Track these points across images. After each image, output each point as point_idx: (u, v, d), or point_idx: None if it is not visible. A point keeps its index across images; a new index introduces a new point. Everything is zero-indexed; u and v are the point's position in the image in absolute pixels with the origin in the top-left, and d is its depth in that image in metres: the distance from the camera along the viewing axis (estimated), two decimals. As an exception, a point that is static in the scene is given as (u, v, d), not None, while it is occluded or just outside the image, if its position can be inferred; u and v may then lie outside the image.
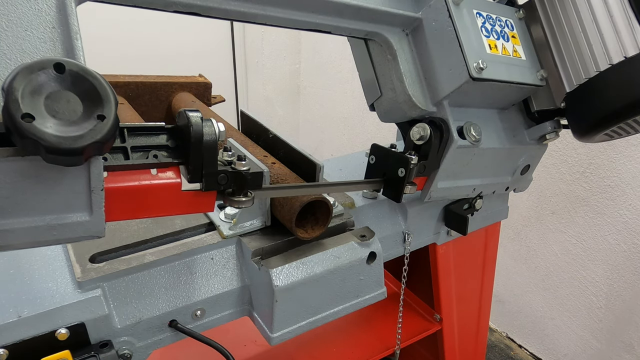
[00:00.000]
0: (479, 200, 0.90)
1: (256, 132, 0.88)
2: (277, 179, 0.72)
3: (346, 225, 0.79)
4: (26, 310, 0.57)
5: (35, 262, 0.65)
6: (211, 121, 0.51)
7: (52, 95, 0.37)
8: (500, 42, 0.77)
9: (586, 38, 0.75)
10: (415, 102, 0.75)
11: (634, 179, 1.56)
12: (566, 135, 0.90)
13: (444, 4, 0.71)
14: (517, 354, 2.11)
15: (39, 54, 0.43)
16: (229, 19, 0.61)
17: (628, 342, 1.70)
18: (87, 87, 0.39)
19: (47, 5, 0.43)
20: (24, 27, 0.42)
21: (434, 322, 1.13)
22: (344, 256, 0.71)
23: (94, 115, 0.38)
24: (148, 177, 0.50)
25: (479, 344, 1.26)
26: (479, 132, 0.77)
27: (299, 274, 0.67)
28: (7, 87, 0.35)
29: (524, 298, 2.05)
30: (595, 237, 1.72)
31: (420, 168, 0.74)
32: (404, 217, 0.89)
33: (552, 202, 1.82)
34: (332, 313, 0.73)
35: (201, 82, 1.25)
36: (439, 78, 0.74)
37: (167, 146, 0.51)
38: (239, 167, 0.56)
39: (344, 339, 1.09)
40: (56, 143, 0.36)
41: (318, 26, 0.67)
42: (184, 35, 2.75)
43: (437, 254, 1.00)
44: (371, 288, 0.76)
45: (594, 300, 1.78)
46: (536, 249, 1.94)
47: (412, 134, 0.75)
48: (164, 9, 0.54)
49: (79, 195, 0.44)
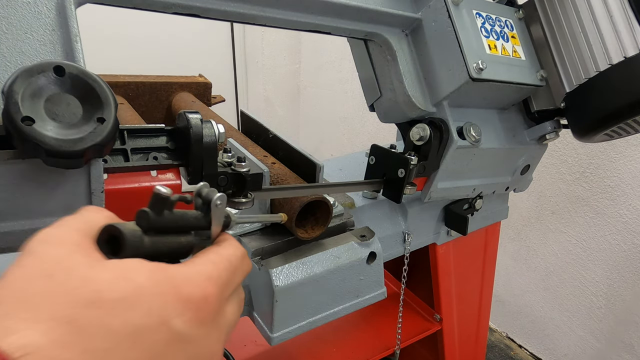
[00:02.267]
0: (479, 200, 0.91)
1: (256, 132, 0.89)
2: (277, 179, 0.72)
3: (346, 225, 0.79)
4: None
5: (36, 263, 0.65)
6: (211, 123, 0.51)
7: (52, 98, 0.37)
8: (500, 43, 0.77)
9: (586, 38, 0.75)
10: (415, 103, 0.75)
11: (634, 179, 1.56)
12: (566, 135, 0.90)
13: (443, 5, 0.71)
14: (517, 354, 2.11)
15: (38, 56, 0.43)
16: (229, 20, 0.61)
17: (628, 342, 1.70)
18: (87, 89, 0.39)
19: (46, 8, 0.43)
20: (24, 29, 0.42)
21: (434, 322, 1.13)
22: (344, 256, 0.72)
23: (93, 118, 0.39)
24: (148, 178, 0.50)
25: (479, 344, 1.26)
26: (479, 132, 0.77)
27: (299, 274, 0.67)
28: (7, 91, 0.35)
29: (524, 298, 2.05)
30: (595, 237, 1.72)
31: (420, 168, 0.75)
32: (404, 217, 0.89)
33: (552, 202, 1.82)
34: (332, 313, 0.73)
35: (201, 82, 1.25)
36: (438, 78, 0.74)
37: (167, 148, 0.51)
38: (238, 168, 0.56)
39: (344, 339, 1.09)
40: (56, 146, 0.36)
41: (317, 27, 0.67)
42: (184, 35, 2.75)
43: (437, 254, 1.00)
44: (371, 288, 0.76)
45: (594, 300, 1.78)
46: (536, 249, 1.94)
47: (412, 135, 0.75)
48: (163, 10, 0.54)
49: (79, 198, 0.45)
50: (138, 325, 0.26)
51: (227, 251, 0.34)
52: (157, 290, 0.27)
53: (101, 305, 0.25)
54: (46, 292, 0.24)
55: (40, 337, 0.22)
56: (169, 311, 0.27)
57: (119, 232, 0.29)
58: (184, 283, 0.29)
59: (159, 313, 0.27)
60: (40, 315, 0.23)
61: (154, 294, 0.27)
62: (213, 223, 0.35)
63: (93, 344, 0.24)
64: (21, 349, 0.22)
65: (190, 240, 0.33)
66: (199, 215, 0.34)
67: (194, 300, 0.29)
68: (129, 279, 0.27)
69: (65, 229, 0.29)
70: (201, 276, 0.30)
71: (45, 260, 0.26)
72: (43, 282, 0.25)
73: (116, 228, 0.29)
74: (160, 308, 0.27)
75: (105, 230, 0.30)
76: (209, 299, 0.29)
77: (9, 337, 0.22)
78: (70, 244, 0.28)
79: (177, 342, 0.28)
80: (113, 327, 0.25)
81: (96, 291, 0.25)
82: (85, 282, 0.25)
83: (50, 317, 0.23)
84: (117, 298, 0.25)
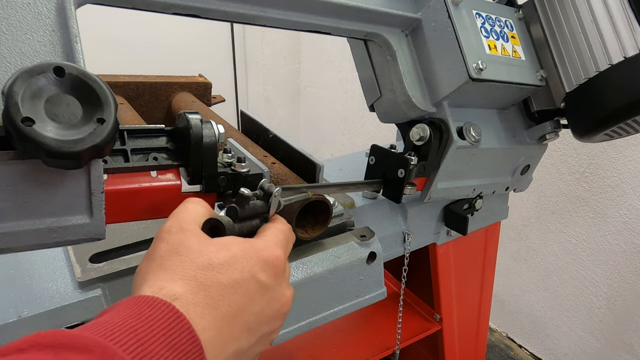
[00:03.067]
0: (479, 200, 0.91)
1: (256, 132, 0.89)
2: (277, 179, 0.72)
3: (346, 225, 0.79)
4: (26, 310, 0.57)
5: (35, 262, 0.65)
6: (211, 123, 0.51)
7: (52, 99, 0.37)
8: (500, 43, 0.77)
9: (586, 38, 0.75)
10: (415, 103, 0.75)
11: (634, 179, 1.56)
12: (566, 135, 0.90)
13: (443, 5, 0.71)
14: (517, 354, 2.11)
15: (38, 57, 0.43)
16: (229, 20, 0.61)
17: (628, 342, 1.70)
18: (87, 90, 0.39)
19: (46, 9, 0.43)
20: (24, 30, 0.42)
21: (434, 322, 1.13)
22: (344, 256, 0.72)
23: (93, 119, 0.39)
24: (148, 179, 0.50)
25: (479, 344, 1.26)
26: (479, 132, 0.77)
27: (299, 274, 0.67)
28: (7, 91, 0.36)
29: (524, 298, 2.05)
30: (595, 237, 1.72)
31: (420, 169, 0.75)
32: (404, 217, 0.89)
33: (552, 202, 1.82)
34: (332, 313, 0.73)
35: (201, 82, 1.25)
36: (438, 79, 0.74)
37: (167, 148, 0.51)
38: (238, 168, 0.56)
39: (344, 339, 1.09)
40: (56, 147, 0.36)
41: (317, 27, 0.67)
42: (184, 35, 2.75)
43: (437, 254, 1.00)
44: (371, 288, 0.76)
45: (594, 300, 1.78)
46: (536, 249, 1.94)
47: (412, 135, 0.75)
48: (163, 11, 0.54)
49: (79, 198, 0.45)
50: (236, 279, 0.38)
51: (283, 226, 0.48)
52: (246, 255, 0.40)
53: (212, 267, 0.38)
54: (177, 263, 0.38)
55: (179, 288, 0.35)
56: (255, 269, 0.40)
57: (220, 223, 0.43)
58: (263, 249, 0.42)
59: (249, 270, 0.40)
60: (177, 277, 0.36)
61: (244, 258, 0.40)
62: (271, 208, 0.49)
63: (210, 292, 0.37)
64: (171, 296, 0.35)
65: (259, 222, 0.48)
66: (262, 204, 0.49)
67: (270, 260, 0.42)
68: (228, 249, 0.40)
69: (179, 221, 0.42)
70: (273, 244, 0.44)
71: (172, 244, 0.40)
72: (174, 257, 0.38)
73: (218, 220, 0.44)
74: (249, 267, 0.40)
75: (209, 221, 0.44)
76: (280, 259, 0.43)
77: (162, 290, 0.35)
78: (186, 230, 0.41)
79: (263, 289, 0.41)
80: (221, 280, 0.37)
81: (208, 259, 0.38)
82: (200, 254, 0.38)
83: (182, 277, 0.37)
84: (221, 262, 0.38)
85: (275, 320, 0.43)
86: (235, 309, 0.38)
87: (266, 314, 0.41)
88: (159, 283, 0.36)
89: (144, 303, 0.33)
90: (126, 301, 0.34)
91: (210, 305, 0.36)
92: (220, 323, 0.36)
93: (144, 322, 0.31)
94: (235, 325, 0.38)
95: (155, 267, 0.38)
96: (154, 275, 0.37)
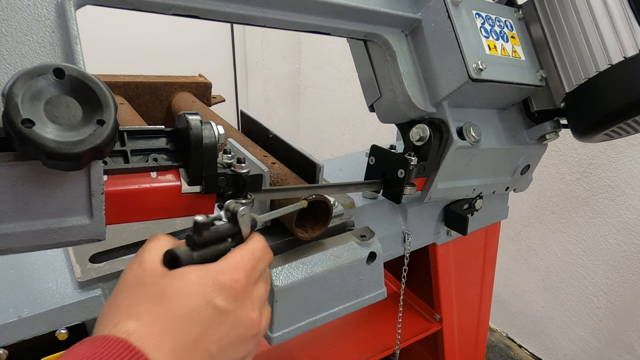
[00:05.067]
0: (479, 201, 0.91)
1: (256, 132, 0.89)
2: (277, 179, 0.72)
3: (346, 225, 0.79)
4: (26, 310, 0.57)
5: (35, 262, 0.65)
6: (210, 124, 0.51)
7: (51, 101, 0.37)
8: (500, 43, 0.77)
9: (585, 38, 0.75)
10: (415, 103, 0.75)
11: (634, 179, 1.56)
12: (566, 135, 0.90)
13: (443, 5, 0.71)
14: (517, 354, 2.11)
15: (38, 58, 0.43)
16: (228, 21, 0.61)
17: (628, 342, 1.70)
18: (87, 92, 0.39)
19: (46, 10, 0.43)
20: (24, 31, 0.42)
21: (434, 322, 1.13)
22: (344, 256, 0.72)
23: (93, 120, 0.39)
24: (148, 180, 0.50)
25: (479, 344, 1.26)
26: (479, 132, 0.77)
27: (299, 274, 0.67)
28: (7, 93, 0.36)
29: (524, 298, 2.05)
30: (595, 237, 1.72)
31: (419, 169, 0.75)
32: (404, 217, 0.89)
33: (552, 202, 1.82)
34: (332, 313, 0.73)
35: (201, 82, 1.25)
36: (438, 79, 0.74)
37: (167, 149, 0.51)
38: (238, 169, 0.56)
39: (344, 339, 1.09)
40: (56, 148, 0.36)
41: (317, 28, 0.67)
42: (184, 35, 2.75)
43: (437, 254, 1.00)
44: (371, 288, 0.76)
45: (594, 300, 1.78)
46: (536, 249, 1.94)
47: (412, 135, 0.75)
48: (163, 12, 0.54)
49: (79, 199, 0.45)
50: (192, 306, 0.38)
51: (250, 245, 0.46)
52: (201, 281, 0.40)
53: (166, 298, 0.38)
54: (133, 299, 0.39)
55: (132, 324, 0.36)
56: (210, 294, 0.39)
57: (176, 255, 0.42)
58: (218, 273, 0.41)
59: (204, 296, 0.39)
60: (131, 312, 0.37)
61: (199, 284, 0.39)
62: (242, 228, 0.47)
63: (165, 323, 0.37)
64: (125, 332, 0.35)
65: (228, 245, 0.46)
66: (229, 225, 0.46)
67: (227, 283, 0.41)
68: (182, 278, 0.40)
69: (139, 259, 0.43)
70: (230, 266, 0.42)
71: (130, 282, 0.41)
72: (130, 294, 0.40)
73: (173, 252, 0.42)
74: (204, 292, 0.39)
75: (167, 253, 0.43)
76: (239, 281, 0.41)
77: (116, 327, 0.36)
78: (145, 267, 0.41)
79: (222, 314, 0.40)
80: (175, 311, 0.38)
81: (162, 291, 0.39)
82: (155, 286, 0.39)
83: (136, 312, 0.37)
84: (176, 293, 0.39)
85: (243, 345, 0.42)
86: (194, 337, 0.37)
87: (231, 339, 0.41)
88: (115, 321, 0.36)
89: (99, 343, 0.34)
90: (84, 342, 0.35)
91: (167, 336, 0.36)
92: (179, 353, 0.36)
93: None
94: (196, 353, 0.38)
95: (113, 306, 0.39)
96: (112, 314, 0.38)
